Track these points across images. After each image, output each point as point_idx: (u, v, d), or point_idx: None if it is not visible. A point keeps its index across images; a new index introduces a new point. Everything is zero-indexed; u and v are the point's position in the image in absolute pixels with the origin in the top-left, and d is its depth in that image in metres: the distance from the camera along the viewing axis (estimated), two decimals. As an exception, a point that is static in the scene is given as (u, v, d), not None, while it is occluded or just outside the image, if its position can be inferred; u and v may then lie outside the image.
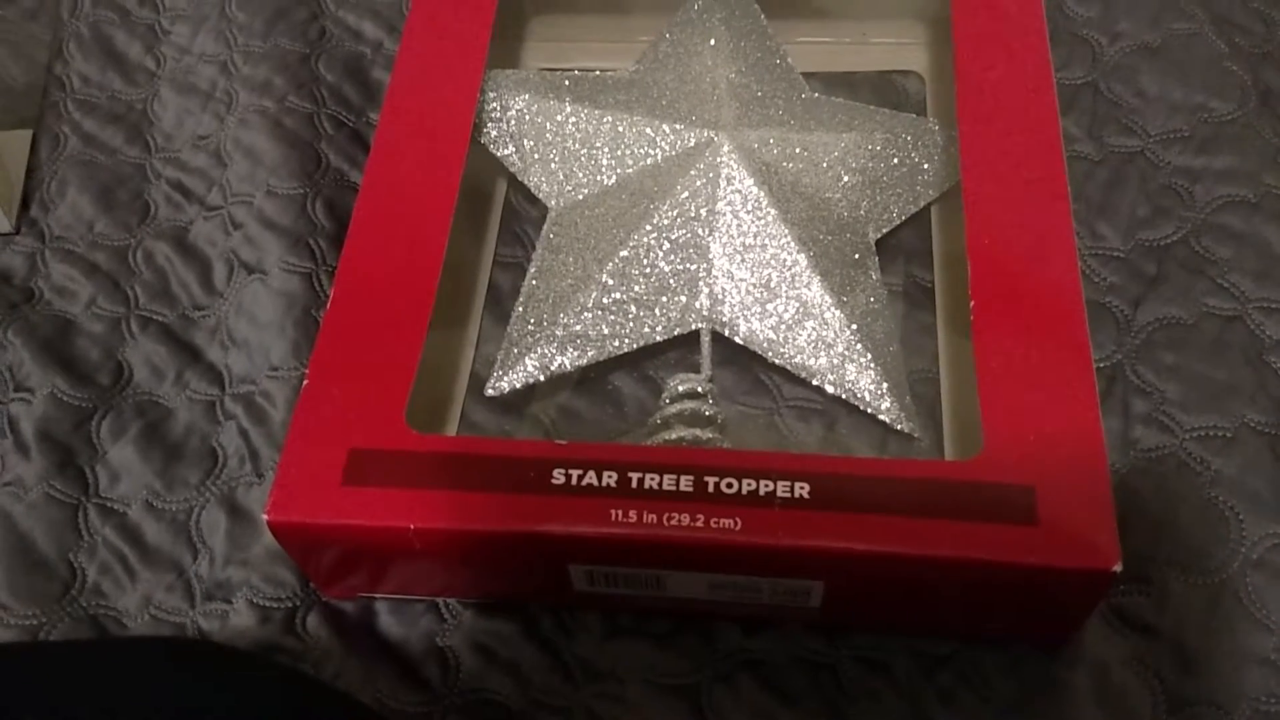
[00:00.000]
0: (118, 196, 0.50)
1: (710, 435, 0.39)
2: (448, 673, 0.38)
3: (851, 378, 0.41)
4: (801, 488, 0.34)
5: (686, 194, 0.42)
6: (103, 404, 0.44)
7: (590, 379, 0.43)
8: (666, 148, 0.44)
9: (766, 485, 0.34)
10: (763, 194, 0.42)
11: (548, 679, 0.38)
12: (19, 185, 0.50)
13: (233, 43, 0.54)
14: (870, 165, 0.44)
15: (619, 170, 0.44)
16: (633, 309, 0.42)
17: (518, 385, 0.41)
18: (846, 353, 0.41)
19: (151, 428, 0.44)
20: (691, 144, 0.43)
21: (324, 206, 0.48)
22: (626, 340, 0.42)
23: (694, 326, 0.42)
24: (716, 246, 0.42)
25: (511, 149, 0.45)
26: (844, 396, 0.41)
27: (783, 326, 0.41)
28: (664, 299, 0.42)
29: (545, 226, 0.45)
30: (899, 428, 0.41)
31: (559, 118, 0.45)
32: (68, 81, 0.54)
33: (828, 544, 0.34)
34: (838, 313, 0.41)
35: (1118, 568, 0.33)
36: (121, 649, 0.32)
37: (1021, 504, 0.34)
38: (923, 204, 0.45)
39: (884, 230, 0.45)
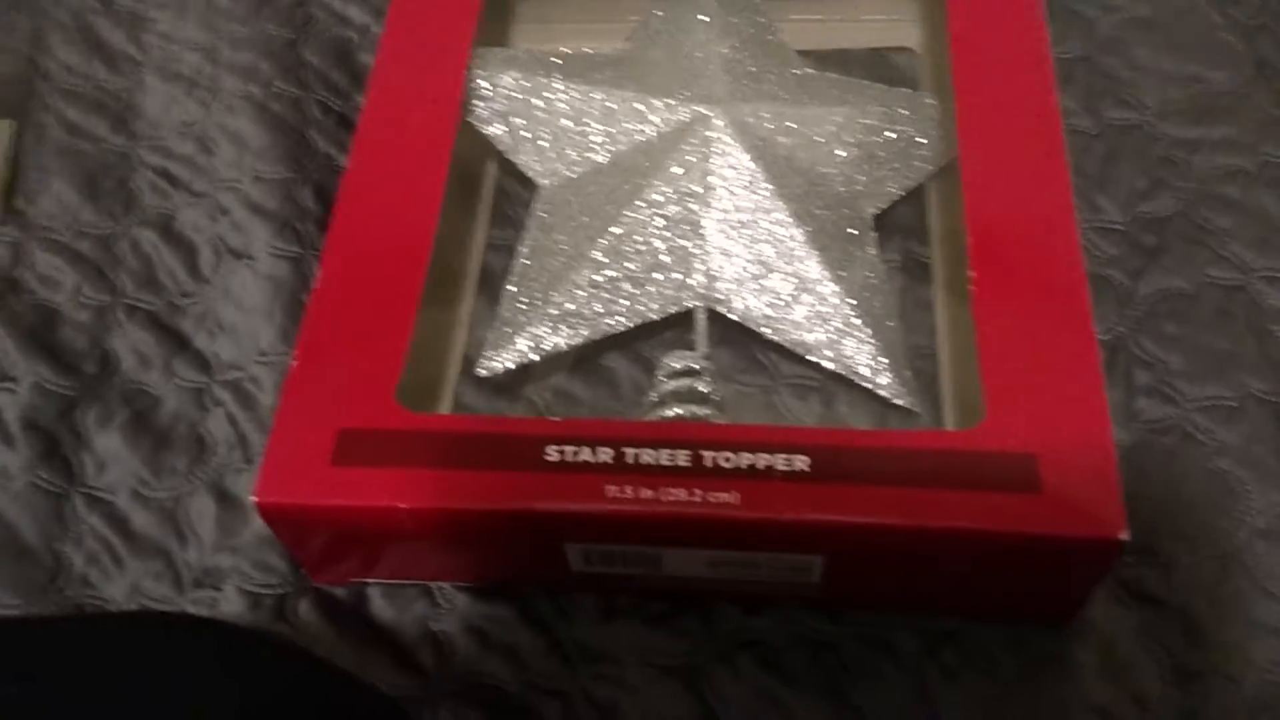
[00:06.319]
0: (102, 185, 0.49)
1: (707, 413, 0.39)
2: (442, 657, 0.38)
3: (849, 353, 0.40)
4: (801, 460, 0.34)
5: (680, 170, 0.42)
6: (89, 392, 0.43)
7: (585, 360, 0.43)
8: (659, 123, 0.43)
9: (765, 459, 0.34)
10: (758, 168, 0.41)
11: (544, 662, 0.37)
12: (2, 175, 0.49)
13: (217, 29, 0.53)
14: (866, 140, 0.44)
15: (611, 147, 0.43)
16: (627, 286, 0.41)
17: (510, 365, 0.41)
18: (844, 327, 0.40)
19: (139, 416, 0.43)
20: (684, 119, 0.43)
21: (312, 191, 0.47)
22: (621, 318, 0.41)
23: (689, 304, 0.41)
24: (711, 222, 0.41)
25: (501, 128, 0.45)
26: (842, 372, 0.40)
27: (779, 302, 0.41)
28: (658, 276, 0.41)
29: (537, 204, 0.44)
30: (898, 402, 0.40)
31: (549, 95, 0.44)
32: (51, 71, 0.53)
33: (828, 517, 0.33)
34: (835, 287, 0.40)
35: (1124, 535, 0.32)
36: (111, 623, 0.31)
37: (1024, 473, 0.33)
38: (920, 179, 0.45)
39: (881, 206, 0.44)
